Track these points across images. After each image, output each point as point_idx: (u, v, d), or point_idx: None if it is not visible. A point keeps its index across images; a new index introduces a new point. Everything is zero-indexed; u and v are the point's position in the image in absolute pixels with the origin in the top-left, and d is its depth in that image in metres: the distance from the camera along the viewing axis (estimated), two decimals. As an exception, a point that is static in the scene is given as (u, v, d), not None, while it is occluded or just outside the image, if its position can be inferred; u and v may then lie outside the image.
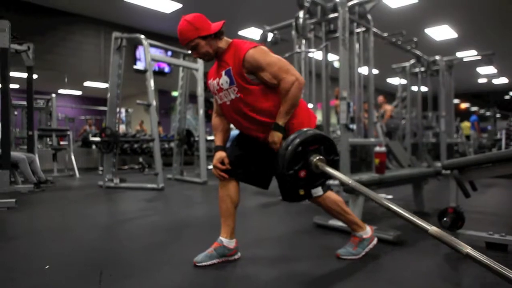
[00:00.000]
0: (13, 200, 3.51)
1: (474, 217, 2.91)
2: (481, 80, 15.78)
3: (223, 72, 1.79)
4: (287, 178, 1.48)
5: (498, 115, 12.27)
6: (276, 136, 1.71)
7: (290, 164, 1.44)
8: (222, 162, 1.87)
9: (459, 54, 9.90)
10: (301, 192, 1.83)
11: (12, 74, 4.19)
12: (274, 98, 1.75)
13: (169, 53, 8.66)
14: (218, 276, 1.77)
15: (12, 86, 4.22)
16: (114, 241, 2.52)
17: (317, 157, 1.48)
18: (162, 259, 2.03)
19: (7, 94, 4.11)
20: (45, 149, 7.74)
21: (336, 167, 1.54)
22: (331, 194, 1.94)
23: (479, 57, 8.35)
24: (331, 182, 4.05)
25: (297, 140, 1.47)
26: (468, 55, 9.56)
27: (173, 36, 9.77)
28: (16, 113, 8.34)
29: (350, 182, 1.39)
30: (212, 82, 1.88)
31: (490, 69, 13.28)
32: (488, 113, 12.12)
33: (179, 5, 8.12)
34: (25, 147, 6.27)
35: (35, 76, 5.64)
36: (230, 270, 1.84)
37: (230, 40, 1.83)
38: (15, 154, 4.81)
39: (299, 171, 1.46)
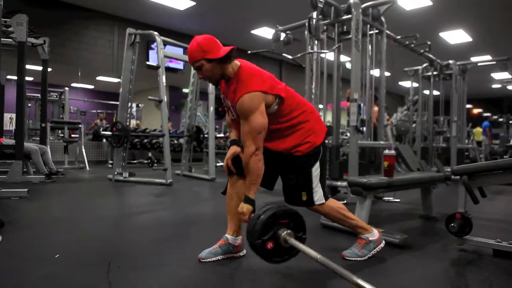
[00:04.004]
0: (25, 190, 3.57)
1: (482, 224, 2.88)
2: (495, 86, 15.54)
3: (229, 104, 1.84)
4: (254, 248, 1.50)
5: (511, 122, 12.06)
6: (246, 208, 1.71)
7: (259, 234, 1.46)
8: (235, 158, 1.89)
9: (473, 59, 9.77)
10: (304, 197, 1.86)
11: (27, 66, 4.26)
12: (281, 122, 1.81)
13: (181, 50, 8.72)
14: (223, 272, 1.79)
15: (26, 78, 4.28)
16: (122, 234, 2.56)
17: (286, 231, 1.50)
18: (169, 253, 2.06)
19: (22, 87, 4.19)
20: (57, 141, 7.85)
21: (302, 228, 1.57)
22: (331, 202, 1.95)
23: (493, 62, 8.23)
24: (338, 183, 4.05)
25: (269, 213, 1.49)
26: (483, 60, 9.44)
27: (186, 33, 9.83)
28: (29, 105, 8.49)
29: (318, 257, 1.41)
30: (224, 100, 1.91)
31: (505, 75, 13.06)
32: (501, 119, 11.89)
33: (193, 3, 8.16)
34: (38, 138, 6.37)
35: (49, 70, 5.73)
36: (235, 266, 1.86)
37: (238, 66, 1.80)
38: (28, 145, 4.90)
39: (267, 242, 1.48)
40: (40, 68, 5.57)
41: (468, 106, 8.67)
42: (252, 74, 1.76)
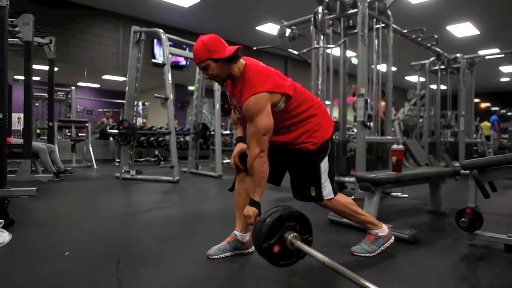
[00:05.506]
0: (34, 188, 3.59)
1: (492, 219, 2.85)
2: (504, 79, 15.36)
3: (236, 103, 1.81)
4: (260, 252, 1.49)
5: (520, 116, 11.92)
6: (251, 211, 1.70)
7: (266, 238, 1.45)
8: (242, 155, 1.88)
9: (481, 52, 9.65)
10: (312, 193, 1.85)
11: (34, 66, 4.28)
12: (288, 118, 1.79)
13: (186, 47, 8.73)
14: (232, 269, 1.79)
15: (33, 78, 4.31)
16: (130, 231, 2.57)
17: (292, 234, 1.48)
18: (177, 250, 2.06)
19: (29, 87, 4.21)
20: (64, 140, 7.91)
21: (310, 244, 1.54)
22: (340, 197, 1.94)
23: (501, 55, 8.13)
24: (346, 179, 4.03)
25: (275, 215, 1.47)
26: (491, 53, 9.32)
27: (191, 30, 9.83)
28: (37, 104, 8.56)
29: (325, 260, 1.40)
30: (230, 98, 1.90)
31: (513, 68, 12.92)
32: (509, 113, 11.75)
33: (197, 0, 8.15)
34: (46, 137, 6.42)
35: (55, 69, 5.76)
36: (243, 263, 1.86)
37: (243, 65, 1.77)
38: (36, 144, 4.94)
39: (273, 246, 1.47)
40: (46, 67, 5.60)
41: (476, 100, 8.56)
42: (258, 73, 1.73)
